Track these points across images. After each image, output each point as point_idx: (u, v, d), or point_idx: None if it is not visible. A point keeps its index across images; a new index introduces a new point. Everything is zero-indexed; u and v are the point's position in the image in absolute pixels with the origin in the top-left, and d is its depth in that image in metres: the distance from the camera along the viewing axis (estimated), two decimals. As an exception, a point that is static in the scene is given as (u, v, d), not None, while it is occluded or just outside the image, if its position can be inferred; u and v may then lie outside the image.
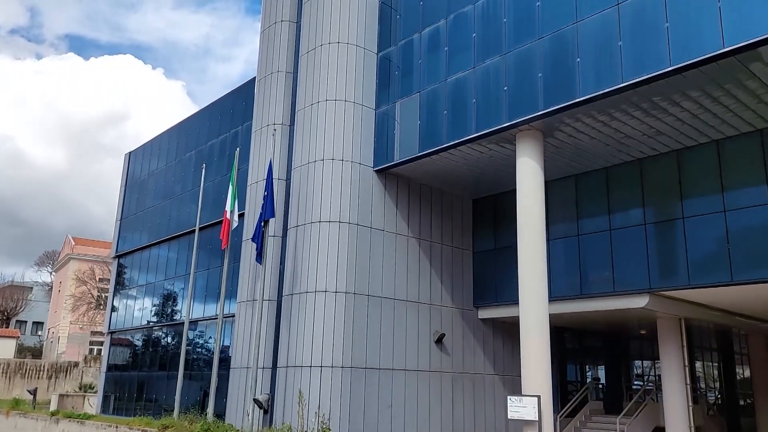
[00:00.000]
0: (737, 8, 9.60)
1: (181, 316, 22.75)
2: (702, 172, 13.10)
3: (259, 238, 14.61)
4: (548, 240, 13.12)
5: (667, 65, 10.22)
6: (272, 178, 14.80)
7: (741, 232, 12.28)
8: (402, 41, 15.37)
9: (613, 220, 14.45)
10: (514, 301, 13.15)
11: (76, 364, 45.95)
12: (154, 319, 25.17)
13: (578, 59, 11.52)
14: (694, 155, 13.29)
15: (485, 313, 17.00)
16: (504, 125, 12.59)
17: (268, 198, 14.48)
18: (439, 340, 15.86)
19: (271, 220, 14.82)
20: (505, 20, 13.01)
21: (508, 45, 12.85)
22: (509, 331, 17.31)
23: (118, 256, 28.81)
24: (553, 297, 13.76)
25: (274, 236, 15.32)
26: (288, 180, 16.04)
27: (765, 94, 11.04)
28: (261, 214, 14.64)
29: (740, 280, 12.21)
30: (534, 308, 12.25)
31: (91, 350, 53.74)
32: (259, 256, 14.69)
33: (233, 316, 17.30)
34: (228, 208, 16.21)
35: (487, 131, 12.91)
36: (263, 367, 14.77)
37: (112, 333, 28.28)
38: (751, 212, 12.19)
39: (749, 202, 12.27)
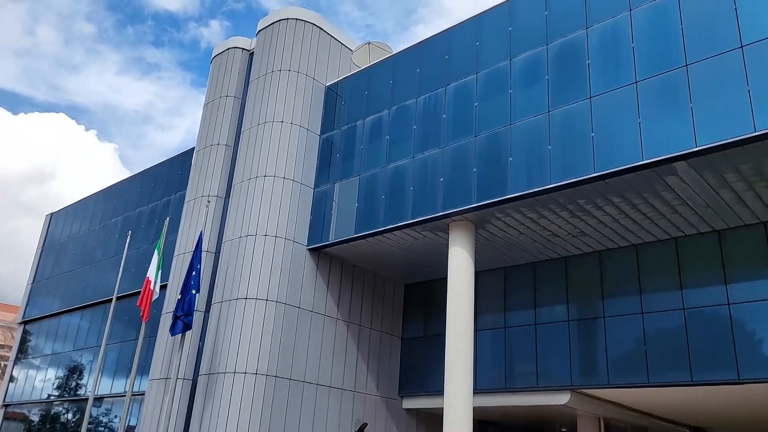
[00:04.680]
0: (655, 125, 10.42)
1: (86, 391, 21.08)
2: (622, 273, 13.67)
3: (192, 308, 13.54)
4: (476, 330, 13.17)
5: (592, 171, 10.86)
6: (201, 250, 14.36)
7: (657, 335, 12.72)
8: (345, 126, 15.74)
9: (539, 314, 14.72)
10: (439, 391, 12.94)
11: (-41, 440, 41.37)
12: (56, 392, 23.20)
13: (511, 158, 12.08)
14: (615, 257, 13.90)
15: (409, 403, 16.62)
16: (438, 214, 12.88)
17: (197, 271, 13.83)
18: (361, 430, 15.29)
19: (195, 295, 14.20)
20: (444, 116, 13.60)
21: (446, 139, 13.37)
22: (433, 422, 16.92)
23: (25, 322, 26.80)
24: (478, 389, 13.64)
25: (196, 311, 14.67)
26: (217, 253, 15.62)
27: (679, 205, 11.82)
28: (188, 284, 13.69)
29: (656, 382, 12.50)
30: (459, 400, 12.07)
31: (-22, 424, 48.69)
32: (181, 326, 13.56)
33: (143, 394, 16.18)
34: (151, 277, 15.34)
35: (422, 219, 13.15)
36: (170, 453, 13.73)
37: (6, 405, 25.80)
38: (666, 316, 12.70)
39: (664, 306, 12.81)
